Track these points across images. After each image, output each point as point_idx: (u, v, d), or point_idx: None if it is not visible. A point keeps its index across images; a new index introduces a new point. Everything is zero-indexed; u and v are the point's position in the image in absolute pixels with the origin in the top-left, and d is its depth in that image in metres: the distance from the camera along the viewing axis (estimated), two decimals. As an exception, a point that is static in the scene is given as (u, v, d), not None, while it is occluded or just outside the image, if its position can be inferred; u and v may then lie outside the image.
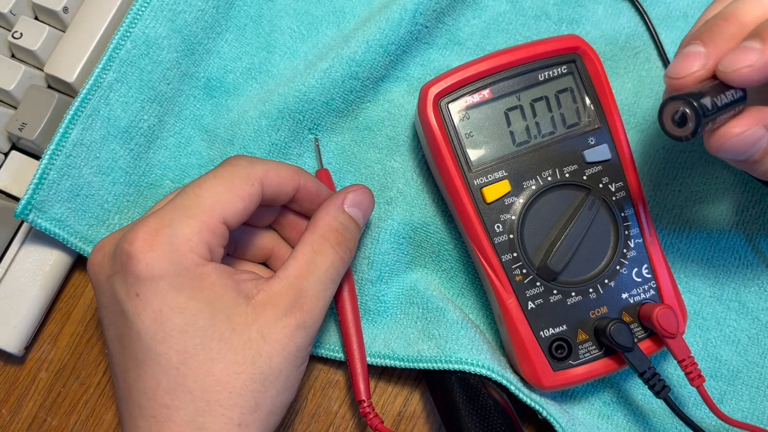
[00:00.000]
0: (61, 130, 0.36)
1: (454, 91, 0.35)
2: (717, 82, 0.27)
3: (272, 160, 0.34)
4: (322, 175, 0.39)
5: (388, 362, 0.37)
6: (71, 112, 0.36)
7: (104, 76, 0.37)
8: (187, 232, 0.29)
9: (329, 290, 0.33)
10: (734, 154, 0.27)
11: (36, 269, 0.38)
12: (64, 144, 0.36)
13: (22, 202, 0.36)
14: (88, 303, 0.40)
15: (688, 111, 0.26)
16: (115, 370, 0.31)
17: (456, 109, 0.35)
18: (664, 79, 0.28)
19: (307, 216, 0.36)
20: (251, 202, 0.31)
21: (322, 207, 0.34)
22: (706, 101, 0.26)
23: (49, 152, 0.36)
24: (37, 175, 0.36)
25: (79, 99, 0.36)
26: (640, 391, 0.39)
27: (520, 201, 0.35)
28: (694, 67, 0.27)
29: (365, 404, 0.35)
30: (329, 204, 0.34)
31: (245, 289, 0.31)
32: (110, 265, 0.31)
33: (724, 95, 0.26)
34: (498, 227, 0.35)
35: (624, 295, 0.36)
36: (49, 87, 0.39)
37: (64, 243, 0.37)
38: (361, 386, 0.36)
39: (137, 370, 0.30)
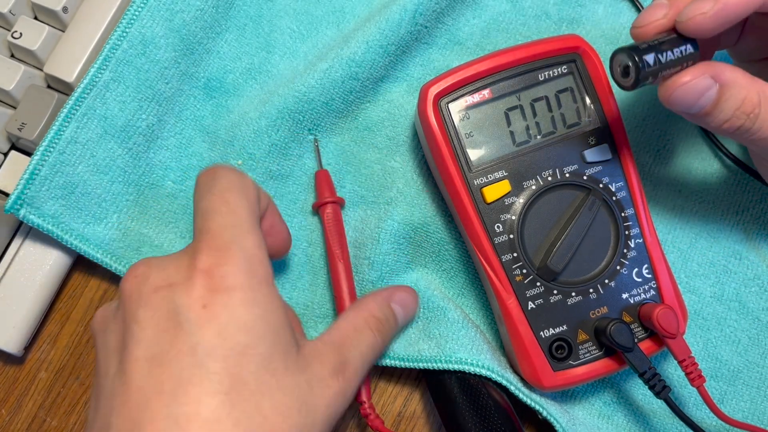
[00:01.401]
0: (54, 128, 0.36)
1: (454, 90, 0.35)
2: (673, 35, 0.29)
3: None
4: (321, 176, 0.39)
5: (388, 362, 0.37)
6: (65, 110, 0.36)
7: (100, 75, 0.37)
8: (251, 246, 0.28)
9: (365, 368, 0.32)
10: (684, 104, 0.29)
11: (35, 269, 0.38)
12: (57, 141, 0.36)
13: (12, 197, 0.36)
14: (88, 303, 0.40)
15: (630, 63, 0.28)
16: (122, 398, 0.26)
17: (456, 109, 0.35)
18: (630, 31, 0.31)
19: None
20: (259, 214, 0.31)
21: (370, 295, 0.35)
22: (650, 55, 0.28)
23: (41, 149, 0.36)
24: (27, 171, 0.36)
25: (73, 98, 0.36)
26: (640, 391, 0.39)
27: (520, 201, 0.35)
28: (656, 15, 0.29)
29: (366, 405, 0.35)
30: (378, 295, 0.35)
31: (296, 332, 0.30)
32: (163, 276, 0.28)
33: (675, 49, 0.29)
34: (498, 227, 0.35)
35: (624, 295, 0.35)
36: (49, 87, 0.39)
37: (59, 240, 0.37)
38: (362, 387, 0.36)
39: (173, 393, 0.25)
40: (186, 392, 0.25)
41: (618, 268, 0.35)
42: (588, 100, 0.36)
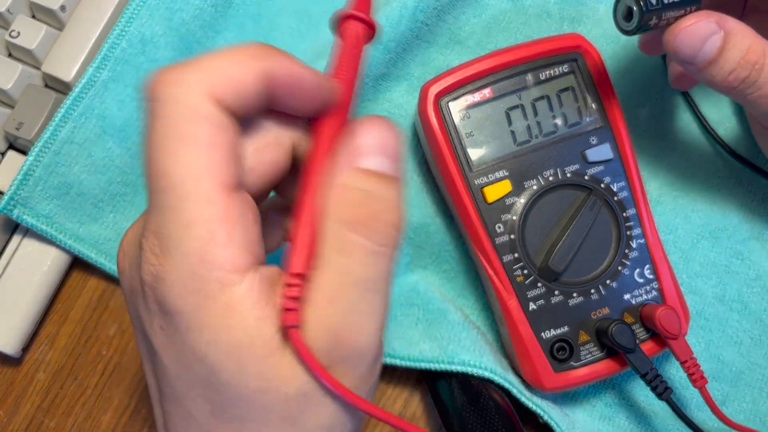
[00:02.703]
0: (51, 128, 0.36)
1: (454, 90, 0.35)
2: None
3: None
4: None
5: (388, 360, 0.36)
6: (62, 111, 0.36)
7: (99, 74, 0.36)
8: (207, 248, 0.21)
9: (375, 315, 0.22)
10: (689, 48, 0.29)
11: (33, 269, 0.38)
12: (52, 142, 0.36)
13: (5, 197, 0.36)
14: (86, 304, 0.40)
15: (634, 7, 0.29)
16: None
17: (456, 108, 0.35)
18: None
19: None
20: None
21: (323, 173, 0.22)
22: None
23: (36, 149, 0.36)
24: (21, 172, 0.36)
25: (71, 98, 0.36)
26: (642, 392, 0.39)
27: (521, 201, 0.35)
28: None
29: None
30: (335, 166, 0.22)
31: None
32: (132, 275, 0.23)
33: None
34: (499, 227, 0.35)
35: (626, 296, 0.35)
36: (47, 86, 0.39)
37: (54, 240, 0.37)
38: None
39: (170, 406, 0.23)
40: (175, 413, 0.23)
41: (619, 268, 0.35)
42: (589, 100, 0.36)
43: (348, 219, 0.21)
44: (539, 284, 0.35)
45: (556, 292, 0.35)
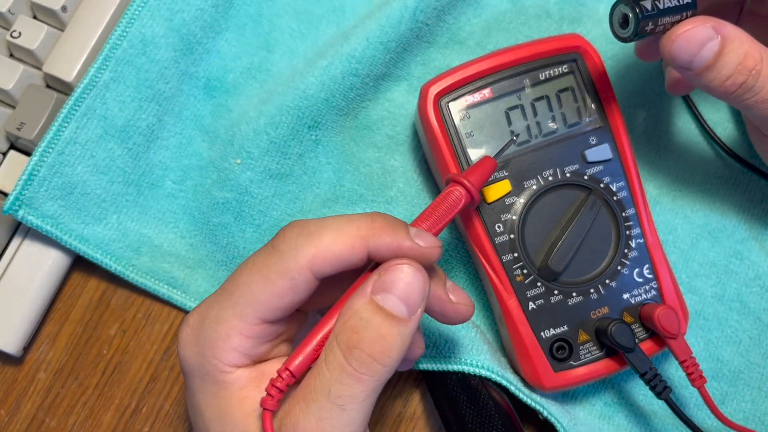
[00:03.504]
0: (54, 129, 0.36)
1: (454, 90, 0.35)
2: None
3: (332, 222, 0.26)
4: (486, 162, 0.32)
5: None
6: (65, 111, 0.36)
7: (100, 75, 0.37)
8: (214, 338, 0.27)
9: (337, 429, 0.24)
10: (686, 54, 0.29)
11: (35, 269, 0.38)
12: (56, 142, 0.36)
13: (10, 198, 0.36)
14: (87, 303, 0.40)
15: (629, 12, 0.29)
16: None
17: (456, 108, 0.35)
18: None
19: None
20: (295, 296, 0.26)
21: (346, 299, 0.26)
22: (647, 3, 0.29)
23: (40, 150, 0.36)
24: (26, 172, 0.36)
25: (73, 98, 0.36)
26: (641, 392, 0.39)
27: (521, 201, 0.35)
28: None
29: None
30: (360, 289, 0.26)
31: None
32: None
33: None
34: (499, 227, 0.35)
35: (625, 296, 0.35)
36: (48, 86, 0.39)
37: (58, 241, 0.37)
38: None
39: None
40: None
41: (619, 268, 0.35)
42: (589, 100, 0.36)
43: (341, 338, 0.25)
44: (539, 284, 0.35)
45: (556, 292, 0.35)
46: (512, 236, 0.35)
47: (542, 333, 0.35)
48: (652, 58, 0.35)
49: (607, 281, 0.35)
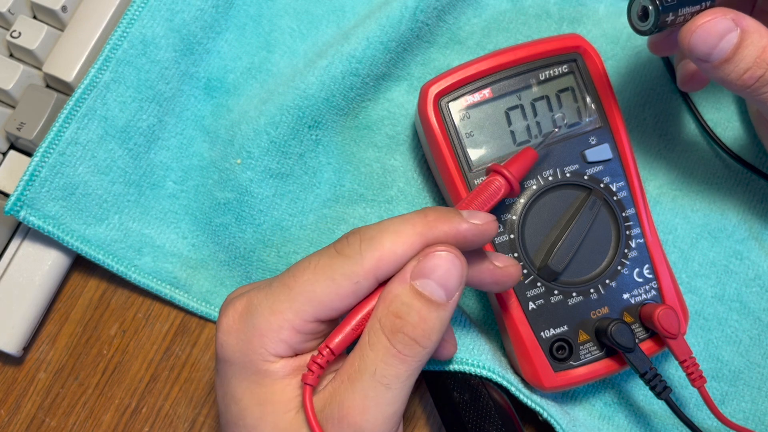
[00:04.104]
0: (55, 129, 0.36)
1: (454, 90, 0.35)
2: None
3: (389, 225, 0.27)
4: (527, 152, 0.32)
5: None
6: (66, 112, 0.36)
7: (100, 75, 0.37)
8: (265, 328, 0.27)
9: (381, 406, 0.26)
10: (705, 46, 0.28)
11: (34, 269, 0.38)
12: (57, 142, 0.36)
13: (12, 199, 0.36)
14: (87, 303, 0.40)
15: (650, 6, 0.28)
16: None
17: (456, 108, 0.35)
18: None
19: None
20: (356, 299, 0.27)
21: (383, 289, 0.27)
22: None
23: (41, 150, 0.36)
24: (27, 173, 0.36)
25: (74, 98, 0.36)
26: (641, 392, 0.39)
27: (520, 201, 0.35)
28: None
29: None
30: (400, 275, 0.27)
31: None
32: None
33: None
34: (498, 227, 0.35)
35: (625, 296, 0.35)
36: (48, 86, 0.39)
37: (60, 241, 0.37)
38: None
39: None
40: None
41: (619, 268, 0.35)
42: (589, 100, 0.36)
43: (384, 322, 0.26)
44: (539, 284, 0.35)
45: (556, 292, 0.35)
46: (512, 236, 0.35)
47: (542, 333, 0.35)
48: (666, 52, 0.35)
49: (607, 281, 0.35)
